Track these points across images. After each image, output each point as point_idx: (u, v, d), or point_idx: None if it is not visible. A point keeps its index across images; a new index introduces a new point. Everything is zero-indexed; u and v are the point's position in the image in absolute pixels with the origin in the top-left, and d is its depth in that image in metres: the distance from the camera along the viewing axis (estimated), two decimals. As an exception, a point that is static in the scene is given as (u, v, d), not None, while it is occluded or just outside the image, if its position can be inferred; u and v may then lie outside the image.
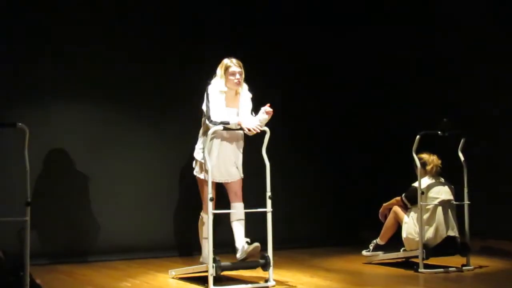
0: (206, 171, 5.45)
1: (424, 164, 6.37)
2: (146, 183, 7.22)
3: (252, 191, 5.89)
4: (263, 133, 5.52)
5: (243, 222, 5.65)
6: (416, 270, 6.09)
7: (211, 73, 5.74)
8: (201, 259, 5.86)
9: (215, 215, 5.31)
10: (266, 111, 5.54)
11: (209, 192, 5.31)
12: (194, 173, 5.76)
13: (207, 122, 5.55)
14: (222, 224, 5.91)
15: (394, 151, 7.70)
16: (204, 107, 5.63)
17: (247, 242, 5.51)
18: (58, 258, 6.68)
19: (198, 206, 5.87)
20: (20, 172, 4.84)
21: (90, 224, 6.97)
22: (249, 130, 5.44)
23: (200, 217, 5.85)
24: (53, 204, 6.81)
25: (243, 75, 5.72)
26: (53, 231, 6.78)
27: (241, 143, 5.74)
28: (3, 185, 6.52)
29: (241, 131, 5.64)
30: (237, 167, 5.71)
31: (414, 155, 6.30)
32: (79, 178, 6.97)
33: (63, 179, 6.89)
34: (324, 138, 8.26)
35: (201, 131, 5.75)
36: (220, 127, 5.44)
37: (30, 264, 4.66)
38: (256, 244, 5.45)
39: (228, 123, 5.43)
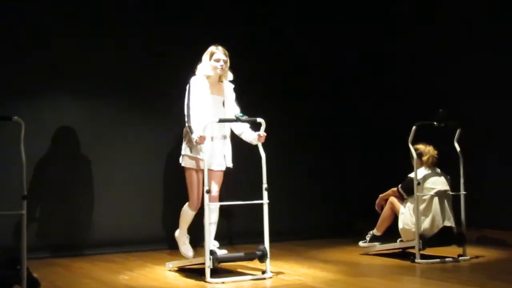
0: (195, 161, 5.58)
1: (420, 154, 6.37)
2: (143, 177, 7.20)
3: (248, 183, 5.88)
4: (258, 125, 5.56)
5: (215, 225, 5.70)
6: (413, 261, 6.10)
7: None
8: (176, 234, 5.93)
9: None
10: (259, 134, 5.56)
11: (206, 184, 5.33)
12: (182, 164, 5.73)
13: (186, 120, 5.58)
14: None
15: (390, 142, 7.69)
16: (185, 101, 5.63)
17: (216, 247, 5.64)
18: (55, 251, 6.69)
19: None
20: (17, 166, 4.83)
21: (87, 217, 6.97)
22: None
23: (184, 209, 5.82)
24: (50, 197, 6.81)
25: (228, 64, 5.72)
26: (50, 224, 6.78)
27: (228, 134, 5.76)
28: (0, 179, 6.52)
29: (227, 124, 5.69)
30: (224, 156, 5.72)
31: (410, 146, 6.30)
32: (75, 172, 6.97)
33: (59, 173, 6.87)
34: (319, 130, 8.24)
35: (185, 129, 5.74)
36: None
37: (27, 257, 4.66)
38: (224, 251, 5.63)
39: (192, 132, 5.46)
